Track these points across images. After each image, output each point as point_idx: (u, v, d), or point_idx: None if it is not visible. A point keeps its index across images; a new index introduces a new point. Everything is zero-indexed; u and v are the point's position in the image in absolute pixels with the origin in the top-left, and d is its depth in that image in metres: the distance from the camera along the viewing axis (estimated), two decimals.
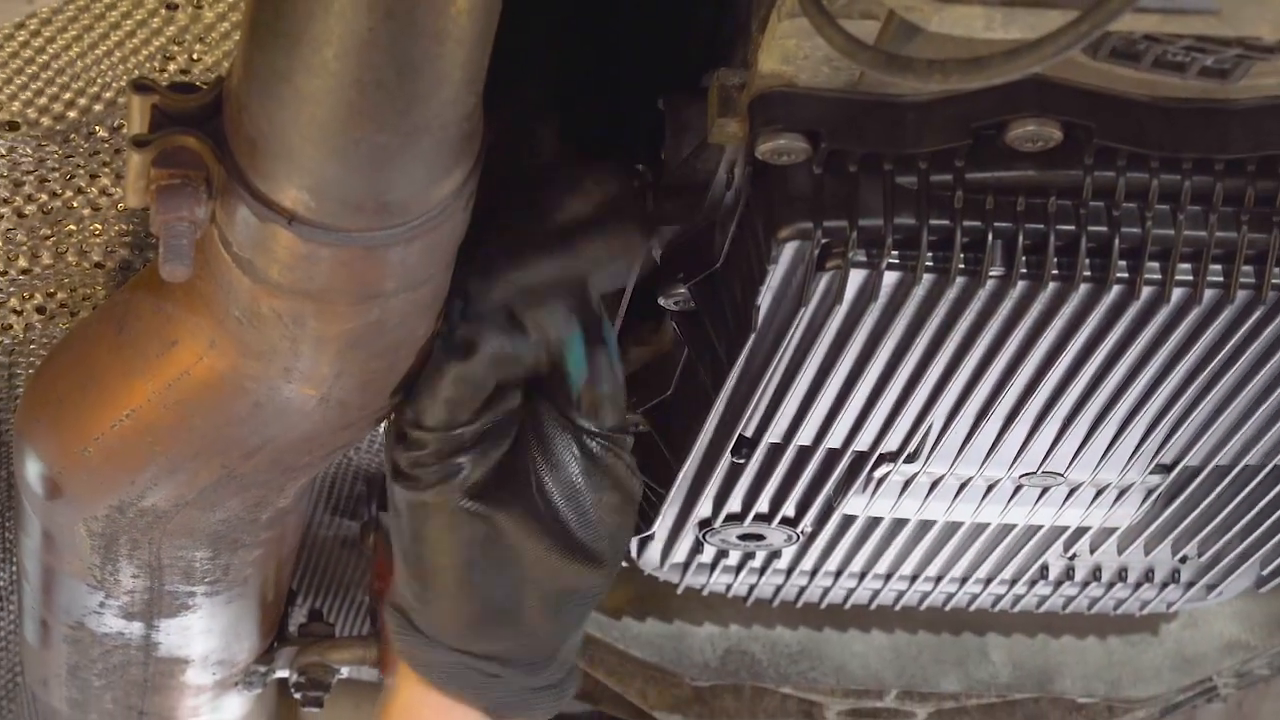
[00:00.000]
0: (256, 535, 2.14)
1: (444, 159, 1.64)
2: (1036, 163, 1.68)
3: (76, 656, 2.34)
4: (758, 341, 1.81)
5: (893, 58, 1.45)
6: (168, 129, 1.68)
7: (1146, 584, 2.30)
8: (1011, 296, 1.73)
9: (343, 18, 1.48)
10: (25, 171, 1.94)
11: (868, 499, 2.10)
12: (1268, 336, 1.80)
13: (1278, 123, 1.66)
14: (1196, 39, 1.54)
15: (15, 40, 1.82)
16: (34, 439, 2.03)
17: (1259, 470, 2.05)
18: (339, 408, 1.87)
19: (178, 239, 1.68)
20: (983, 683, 2.54)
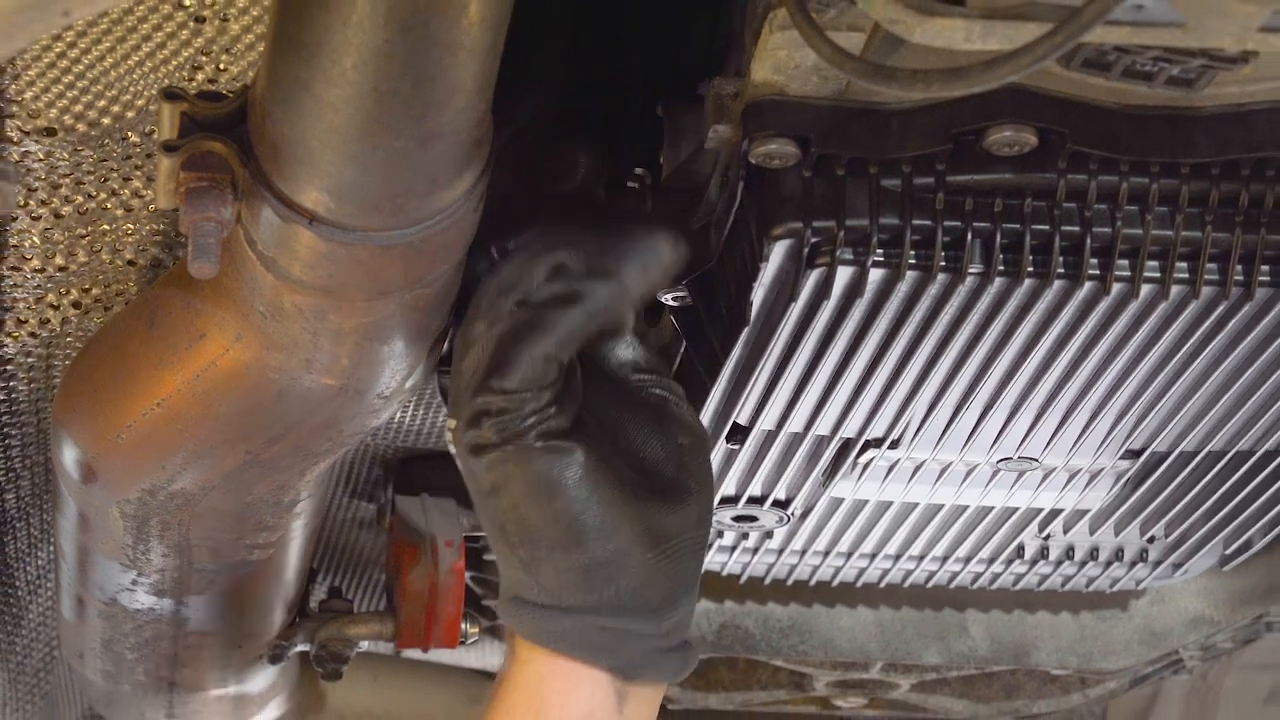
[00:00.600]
0: (280, 517, 2.14)
1: (456, 164, 1.64)
2: (1013, 166, 1.68)
3: (110, 631, 2.34)
4: (751, 334, 1.81)
5: (878, 68, 1.45)
6: (196, 135, 1.68)
7: (1116, 563, 2.30)
8: (990, 292, 1.73)
9: (360, 30, 1.48)
10: (62, 175, 1.94)
11: (855, 483, 2.10)
12: (1231, 330, 1.80)
13: (1239, 129, 1.66)
14: (1163, 50, 1.55)
15: (53, 51, 1.83)
16: (70, 426, 2.03)
17: (1223, 455, 2.05)
18: (357, 396, 1.88)
19: (206, 238, 1.68)
20: (962, 656, 2.54)
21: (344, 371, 1.83)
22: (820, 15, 1.52)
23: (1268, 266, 1.73)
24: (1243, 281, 1.73)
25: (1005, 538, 2.24)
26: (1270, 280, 1.73)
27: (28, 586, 2.56)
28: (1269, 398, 1.92)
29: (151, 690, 2.46)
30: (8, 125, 1.88)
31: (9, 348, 2.12)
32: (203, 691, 2.50)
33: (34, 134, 1.90)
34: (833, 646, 2.51)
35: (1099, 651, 2.55)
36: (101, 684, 2.48)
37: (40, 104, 1.87)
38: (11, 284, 2.05)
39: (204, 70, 1.82)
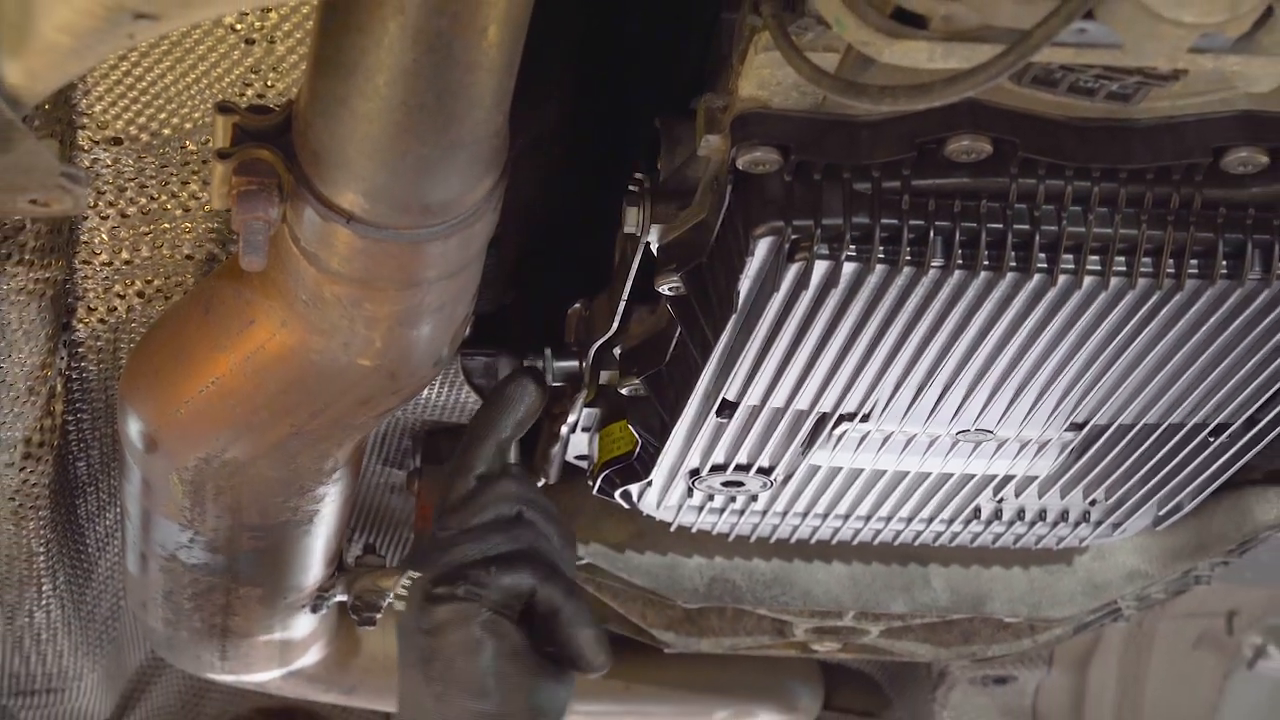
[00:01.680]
0: (321, 482, 2.14)
1: (476, 169, 1.64)
2: (970, 172, 1.68)
3: (170, 583, 2.34)
4: (738, 321, 1.81)
5: (850, 84, 1.45)
6: (246, 143, 1.68)
7: (1062, 523, 2.30)
8: (950, 284, 1.73)
9: (391, 51, 1.48)
10: (127, 179, 1.94)
11: (830, 452, 2.10)
12: (1164, 317, 1.80)
13: (1171, 138, 1.66)
14: (1104, 69, 1.55)
15: (119, 69, 1.83)
16: (135, 402, 2.03)
17: (1157, 428, 2.05)
18: (389, 376, 1.88)
19: (255, 235, 1.68)
20: (926, 605, 2.54)
21: (378, 354, 1.83)
22: (799, 38, 1.52)
23: (1196, 261, 1.73)
24: (1174, 274, 1.73)
25: (963, 501, 2.24)
26: (1198, 273, 1.73)
27: (97, 544, 2.57)
28: (1197, 377, 1.92)
29: (207, 636, 2.46)
30: (79, 135, 1.88)
31: (80, 332, 2.12)
32: (252, 637, 2.50)
33: (102, 143, 1.90)
34: (810, 597, 2.51)
35: (1046, 601, 2.55)
36: (162, 630, 2.48)
37: (108, 116, 1.87)
38: (82, 276, 2.05)
39: (253, 87, 1.83)
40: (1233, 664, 3.15)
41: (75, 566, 2.55)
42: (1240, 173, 1.68)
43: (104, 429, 2.30)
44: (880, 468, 2.15)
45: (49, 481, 2.27)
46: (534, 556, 1.93)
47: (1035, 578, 2.55)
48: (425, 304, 1.78)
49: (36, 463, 2.21)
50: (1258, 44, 1.43)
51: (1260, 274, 1.74)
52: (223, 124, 1.69)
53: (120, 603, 2.74)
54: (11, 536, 2.30)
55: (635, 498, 2.24)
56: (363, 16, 1.47)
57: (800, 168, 1.67)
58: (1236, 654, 3.13)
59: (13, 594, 2.49)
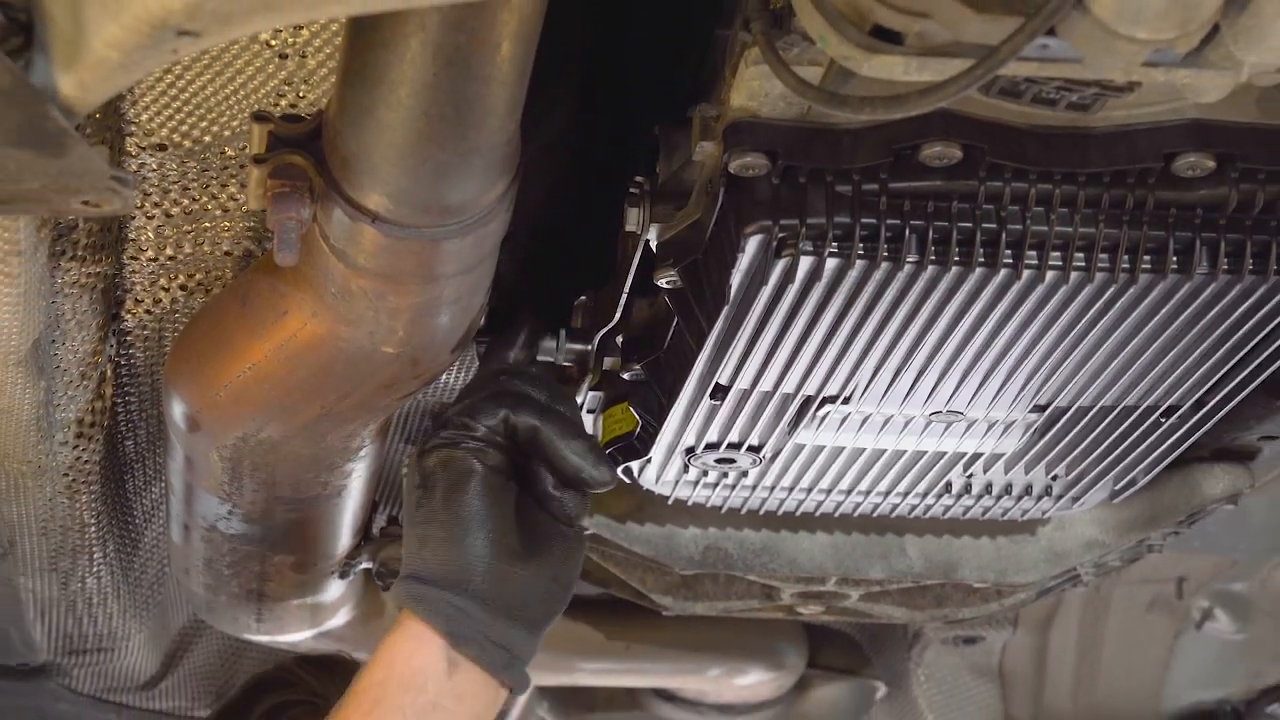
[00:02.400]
0: (349, 459, 2.14)
1: (491, 173, 1.64)
2: (942, 175, 1.68)
3: (210, 552, 2.34)
4: (730, 311, 1.81)
5: (833, 95, 1.45)
6: (280, 149, 1.68)
7: (1026, 497, 2.30)
8: (923, 277, 1.74)
9: (414, 65, 1.48)
10: (172, 182, 1.94)
11: (814, 431, 2.10)
12: (1119, 308, 1.80)
13: (1126, 145, 1.66)
14: (1064, 81, 1.55)
15: (164, 81, 1.83)
16: (178, 386, 2.03)
17: (1113, 409, 2.05)
18: (411, 362, 1.88)
19: (288, 234, 1.68)
20: (901, 572, 2.54)
21: (400, 342, 1.83)
22: (786, 53, 1.53)
23: (1148, 257, 1.73)
24: (1128, 269, 1.73)
25: (936, 476, 2.24)
26: (1151, 268, 1.74)
27: (144, 516, 2.57)
28: (1150, 363, 1.93)
29: (244, 600, 2.47)
30: (128, 142, 1.88)
31: (128, 322, 2.12)
32: (285, 601, 2.50)
33: (149, 149, 1.90)
34: (796, 564, 2.51)
35: (1012, 568, 2.54)
36: (203, 595, 2.48)
37: (154, 124, 1.87)
38: (130, 270, 2.05)
39: (286, 97, 1.82)
40: (1182, 626, 3.15)
41: (124, 536, 2.55)
42: (1189, 176, 1.68)
43: (150, 411, 2.30)
44: (860, 446, 2.15)
45: (100, 459, 2.27)
46: (504, 394, 1.93)
47: (1002, 547, 2.55)
48: (444, 296, 1.78)
49: (88, 441, 2.21)
50: (1205, 59, 1.43)
51: (1207, 269, 1.74)
52: (259, 132, 1.70)
53: (165, 570, 2.74)
54: (66, 509, 2.30)
55: (636, 473, 2.24)
56: (387, 33, 1.47)
57: (787, 171, 1.68)
58: (1186, 617, 3.13)
59: (67, 561, 2.50)
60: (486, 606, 1.88)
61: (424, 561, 1.89)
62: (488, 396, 1.93)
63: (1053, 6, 1.26)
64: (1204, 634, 3.14)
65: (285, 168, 1.68)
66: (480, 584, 1.88)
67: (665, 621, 2.73)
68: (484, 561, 1.88)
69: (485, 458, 1.90)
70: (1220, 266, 1.73)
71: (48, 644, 2.86)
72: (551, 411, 1.93)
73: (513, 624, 1.90)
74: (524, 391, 1.94)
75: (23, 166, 1.34)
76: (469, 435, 1.90)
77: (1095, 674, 3.25)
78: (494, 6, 1.44)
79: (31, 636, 2.79)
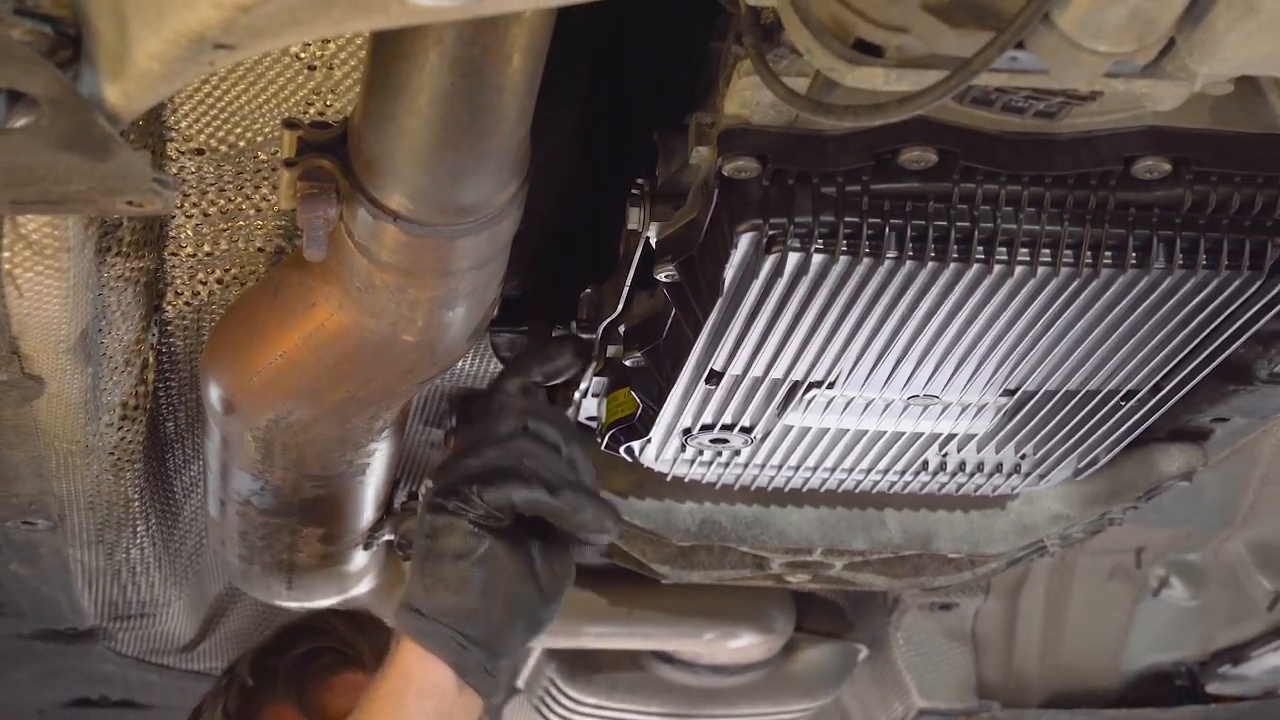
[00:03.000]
0: (372, 439, 2.14)
1: (503, 175, 1.64)
2: (920, 178, 1.68)
3: (244, 525, 2.34)
4: (723, 303, 1.81)
5: (818, 104, 1.46)
6: (309, 154, 1.69)
7: (997, 474, 2.30)
8: (902, 272, 1.74)
9: (432, 75, 1.48)
10: (209, 184, 1.94)
11: (801, 414, 2.10)
12: (1083, 300, 1.80)
13: (1088, 149, 1.66)
14: (1032, 90, 1.55)
15: (201, 91, 1.83)
16: (215, 372, 2.03)
17: (1077, 394, 2.05)
18: (429, 350, 1.88)
19: (316, 231, 1.69)
20: (882, 543, 2.54)
21: (420, 331, 1.83)
22: (775, 64, 1.53)
23: (1109, 253, 1.73)
24: (1091, 264, 1.74)
25: (913, 455, 2.25)
26: (1111, 263, 1.74)
27: (183, 492, 2.57)
28: (1111, 350, 1.93)
29: (275, 569, 2.47)
30: (168, 147, 1.88)
31: (169, 313, 2.12)
32: (314, 570, 2.50)
33: (188, 153, 1.90)
34: (784, 536, 2.51)
35: (984, 540, 2.55)
36: (238, 565, 2.48)
37: (192, 130, 1.87)
38: (171, 265, 2.05)
39: (315, 106, 1.83)
40: (1141, 593, 3.16)
41: (165, 511, 2.56)
42: (1147, 178, 1.68)
43: (189, 395, 2.31)
44: (843, 427, 2.15)
45: (142, 439, 2.27)
46: (515, 472, 1.97)
47: (974, 520, 2.55)
48: (460, 289, 1.78)
49: (132, 423, 2.21)
50: (1162, 70, 1.43)
51: (1164, 264, 1.74)
52: (289, 137, 1.70)
53: (202, 541, 2.74)
54: (111, 485, 2.30)
55: (637, 452, 2.24)
56: (408, 46, 1.47)
57: (776, 174, 1.68)
58: (1144, 585, 3.13)
59: (112, 534, 2.50)
60: (485, 649, 1.99)
61: (432, 603, 1.99)
62: (497, 472, 1.98)
63: (1021, 22, 1.26)
64: (1160, 601, 3.15)
65: (314, 170, 1.68)
66: (480, 632, 1.98)
67: (664, 589, 2.73)
68: (484, 614, 1.98)
69: (489, 531, 1.98)
70: (1176, 262, 1.74)
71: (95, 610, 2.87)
72: (562, 487, 1.99)
73: (505, 659, 2.02)
74: (535, 470, 1.99)
75: (72, 169, 1.35)
76: (474, 510, 1.97)
77: (1060, 637, 3.25)
78: (506, 22, 1.44)
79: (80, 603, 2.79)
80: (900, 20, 1.35)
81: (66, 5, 1.25)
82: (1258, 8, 1.27)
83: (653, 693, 3.44)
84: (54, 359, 1.87)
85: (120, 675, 3.30)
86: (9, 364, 1.82)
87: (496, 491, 1.96)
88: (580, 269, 2.09)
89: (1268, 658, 3.10)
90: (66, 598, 2.76)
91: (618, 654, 3.37)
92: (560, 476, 1.99)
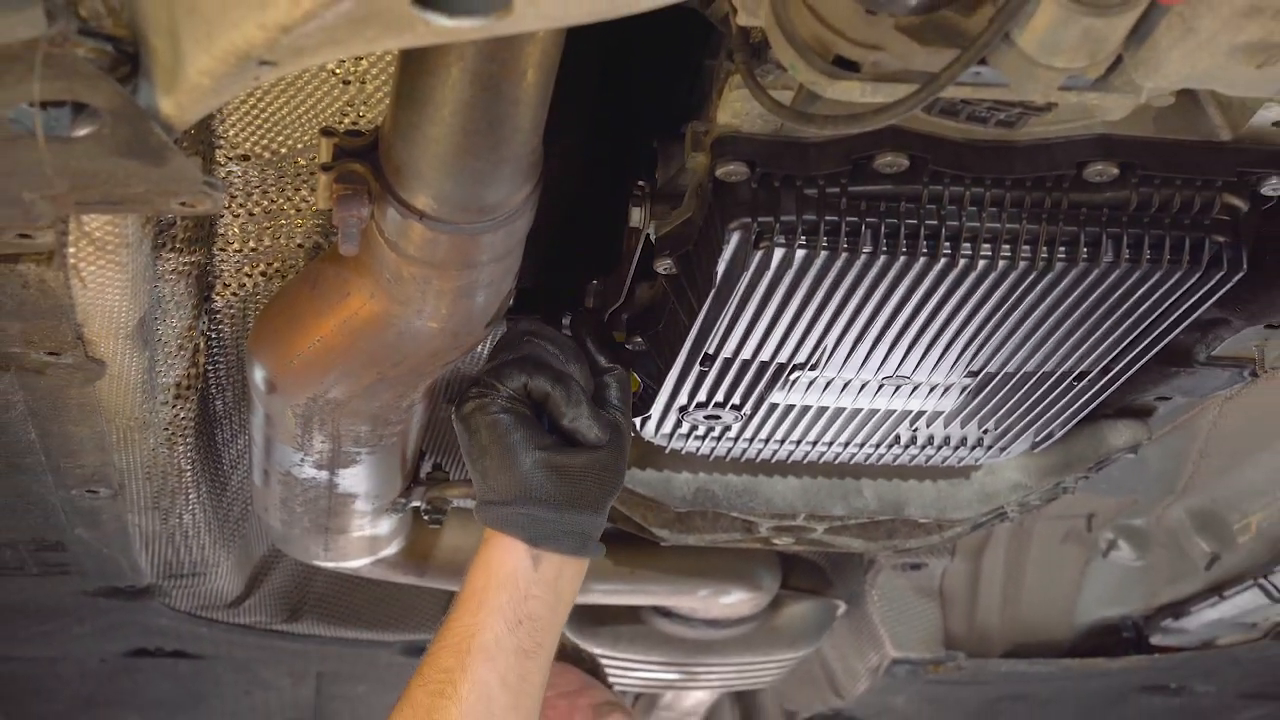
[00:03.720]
0: (400, 415, 2.14)
1: (518, 178, 1.64)
2: (893, 181, 1.69)
3: (285, 493, 2.34)
4: (716, 294, 1.81)
5: (801, 114, 1.46)
6: (343, 159, 1.68)
7: (962, 447, 2.30)
8: (877, 265, 1.74)
9: (455, 89, 1.48)
10: (254, 186, 1.94)
11: (786, 393, 2.11)
12: (1039, 291, 1.80)
13: (1044, 155, 1.67)
14: (994, 102, 1.55)
15: (247, 103, 1.82)
16: (259, 355, 2.03)
17: (1034, 375, 2.05)
18: (452, 335, 1.88)
19: (350, 229, 1.69)
20: (859, 510, 2.54)
21: (444, 318, 1.83)
22: (763, 79, 1.53)
23: (1063, 248, 1.73)
24: (1046, 258, 1.74)
25: (887, 430, 2.25)
26: (1065, 257, 1.74)
27: (230, 463, 2.57)
28: (1064, 336, 1.93)
29: (313, 533, 2.46)
30: (217, 153, 1.88)
31: (218, 303, 2.12)
32: (348, 534, 2.50)
33: (235, 159, 1.89)
34: (771, 504, 2.51)
35: (950, 507, 2.55)
36: (280, 529, 2.48)
37: (239, 138, 1.87)
38: (219, 260, 2.05)
39: (349, 116, 1.82)
40: (1091, 554, 3.16)
41: (214, 480, 2.56)
42: (1097, 181, 1.69)
43: (236, 376, 2.30)
44: (824, 405, 2.15)
45: (194, 415, 2.27)
46: (526, 360, 1.97)
47: (941, 489, 2.56)
48: (480, 280, 1.78)
49: (184, 401, 2.21)
50: (1111, 84, 1.44)
51: (1112, 258, 1.74)
52: (326, 145, 1.70)
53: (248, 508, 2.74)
54: (166, 457, 2.30)
55: (639, 427, 2.24)
56: (433, 63, 1.47)
57: (764, 177, 1.68)
58: (1094, 547, 3.13)
59: (167, 501, 2.50)
60: (552, 506, 1.94)
61: (490, 489, 1.95)
62: (513, 361, 1.97)
63: (984, 40, 1.26)
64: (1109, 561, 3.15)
65: (348, 174, 1.68)
66: (540, 491, 1.93)
67: (663, 551, 2.74)
68: (537, 473, 1.93)
69: (512, 409, 1.95)
70: (1122, 257, 1.74)
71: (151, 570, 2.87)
72: (563, 378, 1.97)
73: (578, 511, 1.95)
74: (542, 357, 1.98)
75: (130, 173, 1.35)
76: (496, 394, 1.95)
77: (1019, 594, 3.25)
78: (521, 41, 1.44)
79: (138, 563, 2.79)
80: (876, 39, 1.35)
81: (125, 25, 1.25)
82: (1196, 28, 1.28)
83: (653, 644, 3.45)
84: (115, 344, 1.87)
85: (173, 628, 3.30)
86: (74, 348, 1.82)
87: (511, 378, 1.95)
88: (587, 263, 2.09)
89: (1205, 612, 3.10)
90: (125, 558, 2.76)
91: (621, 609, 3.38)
92: (561, 373, 1.98)
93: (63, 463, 2.16)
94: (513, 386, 1.96)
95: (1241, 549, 2.91)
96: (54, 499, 2.28)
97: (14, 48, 1.21)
